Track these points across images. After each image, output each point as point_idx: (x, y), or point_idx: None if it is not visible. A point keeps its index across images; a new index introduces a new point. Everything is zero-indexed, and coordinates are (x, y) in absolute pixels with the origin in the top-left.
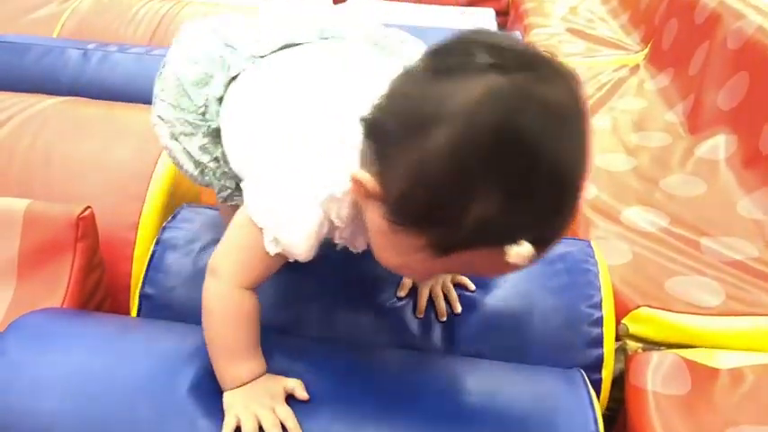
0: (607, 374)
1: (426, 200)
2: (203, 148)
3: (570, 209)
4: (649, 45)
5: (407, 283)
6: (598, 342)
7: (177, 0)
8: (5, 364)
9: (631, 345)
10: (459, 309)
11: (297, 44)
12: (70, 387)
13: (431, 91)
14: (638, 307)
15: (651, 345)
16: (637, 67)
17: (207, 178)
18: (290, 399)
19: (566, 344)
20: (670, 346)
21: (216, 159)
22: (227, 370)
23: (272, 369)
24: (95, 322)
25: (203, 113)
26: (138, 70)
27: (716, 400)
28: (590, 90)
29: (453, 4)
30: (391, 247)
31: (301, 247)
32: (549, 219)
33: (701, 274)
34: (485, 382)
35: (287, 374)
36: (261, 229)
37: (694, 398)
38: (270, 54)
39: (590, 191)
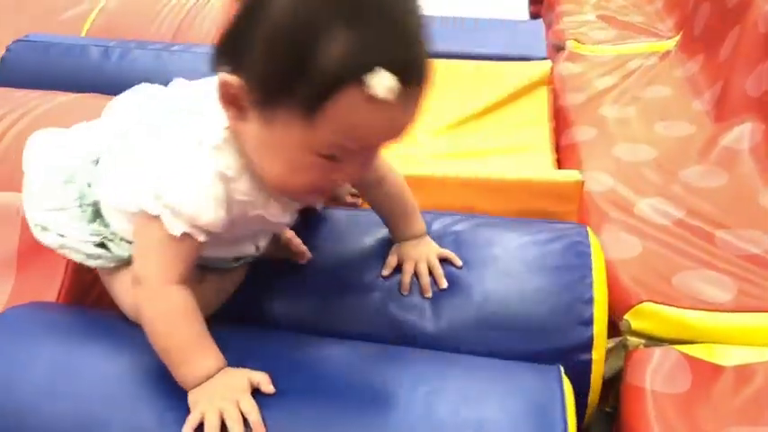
0: (598, 356)
1: (284, 58)
2: (96, 232)
3: (413, 33)
4: (681, 31)
5: (392, 261)
6: (588, 322)
7: None
8: None
9: (633, 341)
10: (444, 284)
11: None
12: (42, 384)
13: None
14: (642, 302)
15: (655, 341)
16: (667, 53)
17: (122, 252)
18: (258, 392)
19: (554, 323)
20: (674, 342)
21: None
22: (184, 372)
23: (234, 363)
24: (80, 317)
25: (80, 203)
26: (156, 66)
27: (716, 399)
28: (616, 79)
29: None
30: (277, 154)
31: (207, 213)
32: (395, 41)
33: (712, 269)
34: (454, 379)
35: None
36: (157, 217)
37: (694, 396)
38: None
39: (605, 182)
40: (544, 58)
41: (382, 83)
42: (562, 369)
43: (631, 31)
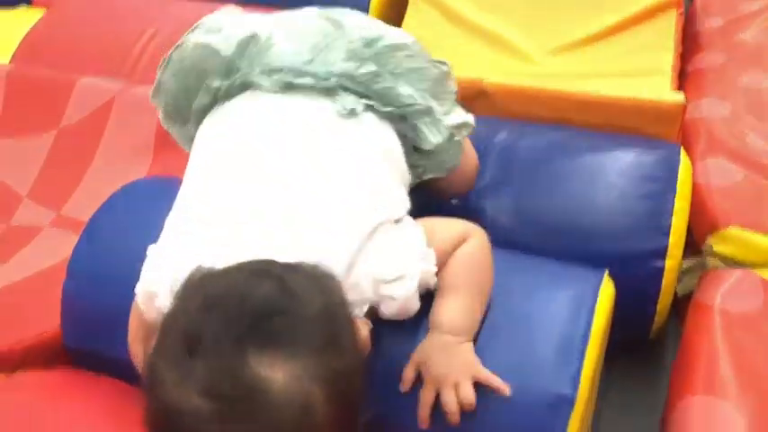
0: (671, 265)
1: None
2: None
3: None
4: None
5: (408, 374)
6: (666, 231)
7: None
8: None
9: (712, 261)
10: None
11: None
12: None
13: None
14: (728, 226)
15: (734, 265)
16: None
17: None
18: None
19: (633, 228)
20: (754, 267)
21: None
22: None
23: None
24: None
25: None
26: None
27: None
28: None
29: None
30: None
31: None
32: None
33: None
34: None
35: None
36: None
37: (764, 315)
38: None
39: (723, 109)
40: None
41: None
42: (606, 272)
43: None
